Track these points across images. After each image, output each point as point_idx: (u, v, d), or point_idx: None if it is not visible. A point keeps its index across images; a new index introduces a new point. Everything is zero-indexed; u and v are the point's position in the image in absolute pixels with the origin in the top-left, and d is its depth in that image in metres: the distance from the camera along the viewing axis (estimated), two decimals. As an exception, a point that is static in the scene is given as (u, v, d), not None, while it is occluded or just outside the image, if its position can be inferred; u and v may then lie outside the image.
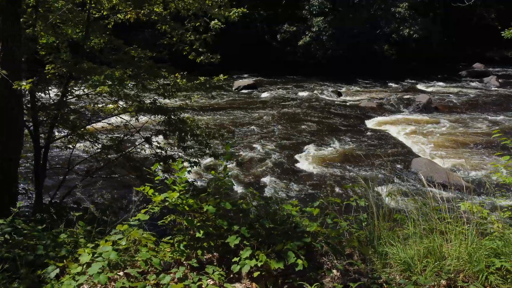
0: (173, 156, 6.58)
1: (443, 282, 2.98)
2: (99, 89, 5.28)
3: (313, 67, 24.49)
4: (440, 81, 22.15)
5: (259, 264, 2.87)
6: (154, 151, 6.57)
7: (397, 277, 3.04)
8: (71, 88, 6.20)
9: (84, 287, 2.88)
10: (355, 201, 3.66)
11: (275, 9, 26.40)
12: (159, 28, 7.19)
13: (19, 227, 3.52)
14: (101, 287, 2.88)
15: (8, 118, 5.06)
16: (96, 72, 6.22)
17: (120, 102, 6.46)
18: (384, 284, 2.91)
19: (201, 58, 6.99)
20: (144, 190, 3.03)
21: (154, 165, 3.23)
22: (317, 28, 23.76)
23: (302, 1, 24.97)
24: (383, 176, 9.44)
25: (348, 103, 17.38)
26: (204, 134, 6.92)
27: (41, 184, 5.85)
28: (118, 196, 6.92)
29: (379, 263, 3.11)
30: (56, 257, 3.05)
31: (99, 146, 6.50)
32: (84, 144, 6.79)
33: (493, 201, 4.01)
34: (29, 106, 5.83)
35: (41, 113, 6.20)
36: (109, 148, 6.41)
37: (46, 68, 6.59)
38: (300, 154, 11.19)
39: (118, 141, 6.23)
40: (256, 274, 2.91)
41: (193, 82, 6.85)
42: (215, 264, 3.18)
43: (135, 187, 3.16)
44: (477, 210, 3.54)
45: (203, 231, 3.02)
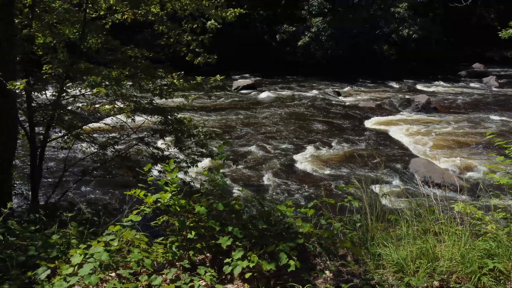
0: (170, 157, 6.57)
1: (436, 283, 2.97)
2: (96, 90, 5.27)
3: (313, 67, 24.49)
4: (440, 81, 22.13)
5: (251, 265, 2.86)
6: (151, 152, 6.56)
7: (390, 278, 3.03)
8: (67, 88, 6.18)
9: (76, 288, 2.87)
10: (349, 202, 3.64)
11: (275, 9, 26.40)
12: (157, 29, 7.19)
13: (12, 228, 3.51)
14: (92, 288, 2.87)
15: (7, 118, 5.07)
16: (93, 73, 6.22)
17: (118, 103, 6.46)
18: (377, 286, 2.89)
19: (199, 59, 6.99)
20: (135, 193, 3.02)
21: (147, 166, 3.22)
22: (316, 28, 23.76)
23: (302, 1, 24.97)
24: (381, 177, 9.43)
25: (347, 103, 17.37)
26: (201, 135, 6.91)
27: (37, 185, 5.84)
28: (114, 197, 6.92)
29: (372, 264, 3.10)
30: (48, 258, 3.03)
31: (96, 147, 6.50)
32: (81, 145, 6.79)
33: (489, 202, 4.00)
34: (25, 106, 5.82)
35: (38, 114, 6.20)
36: (106, 149, 6.41)
37: (44, 68, 6.58)
38: (298, 154, 11.18)
39: (114, 142, 6.22)
40: (248, 275, 2.90)
41: (190, 83, 6.84)
42: (208, 265, 3.17)
43: (125, 191, 3.14)
44: (471, 211, 3.53)
45: (195, 232, 3.01)
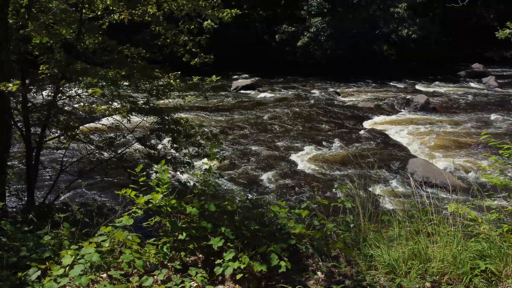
0: (166, 157, 6.56)
1: (428, 285, 2.96)
2: (91, 91, 5.27)
3: (313, 67, 24.47)
4: (439, 82, 22.11)
5: (242, 266, 2.85)
6: (147, 152, 6.56)
7: (382, 279, 3.02)
8: (63, 89, 6.18)
9: (66, 289, 2.87)
10: (342, 203, 3.64)
11: (274, 9, 26.39)
12: (154, 29, 7.18)
13: (5, 229, 3.51)
14: (83, 289, 2.86)
15: (4, 119, 5.07)
16: (90, 73, 6.22)
17: (115, 103, 6.45)
18: (368, 287, 2.89)
19: (196, 60, 6.98)
20: (126, 193, 3.02)
21: (139, 167, 3.21)
22: (315, 29, 23.75)
23: (301, 1, 24.96)
24: (376, 177, 9.42)
25: (347, 103, 17.36)
26: (198, 135, 6.91)
27: (33, 185, 5.84)
28: (110, 197, 6.91)
29: (364, 265, 3.09)
30: (39, 259, 3.03)
31: (92, 147, 6.49)
32: (78, 145, 6.79)
33: (483, 203, 3.99)
34: (21, 107, 5.82)
35: (34, 114, 6.20)
36: (102, 149, 6.40)
37: (40, 69, 6.58)
38: (296, 154, 11.18)
39: (110, 142, 6.22)
40: (239, 276, 2.89)
41: (186, 83, 6.84)
42: (200, 266, 3.17)
43: (116, 191, 3.14)
44: (465, 212, 3.52)
45: (186, 233, 3.00)
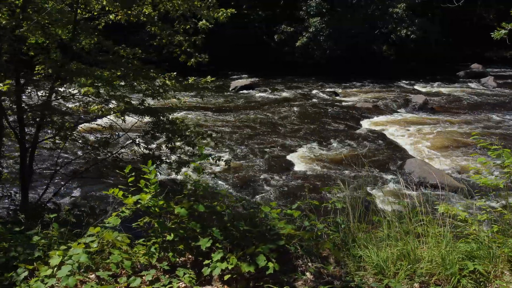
0: (161, 157, 6.57)
1: (416, 285, 2.96)
2: (84, 90, 5.27)
3: (312, 68, 24.46)
4: (438, 82, 22.09)
5: (230, 267, 2.85)
6: (142, 152, 6.56)
7: (371, 280, 3.02)
8: (58, 89, 6.18)
9: (53, 290, 2.86)
10: (333, 204, 3.64)
11: (274, 10, 26.39)
12: (149, 30, 7.19)
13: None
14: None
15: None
16: (85, 73, 6.22)
17: (111, 104, 6.45)
18: (355, 287, 2.89)
19: (192, 61, 6.99)
20: (114, 193, 3.02)
21: (127, 167, 3.21)
22: (314, 29, 23.74)
23: (300, 2, 24.95)
24: (375, 177, 9.42)
25: (345, 104, 17.35)
26: (193, 135, 6.90)
27: (27, 185, 5.84)
28: (105, 197, 6.91)
29: (353, 266, 3.09)
30: (28, 260, 3.03)
31: (88, 147, 6.49)
32: (73, 145, 6.80)
33: (476, 203, 3.98)
34: (15, 107, 5.82)
35: (29, 114, 6.20)
36: (97, 149, 6.40)
37: (36, 69, 6.59)
38: (293, 154, 11.17)
39: (104, 142, 6.22)
40: (227, 277, 2.89)
41: (182, 83, 6.83)
42: (189, 267, 3.17)
43: (104, 191, 3.14)
44: (455, 212, 3.52)
45: (174, 234, 3.00)
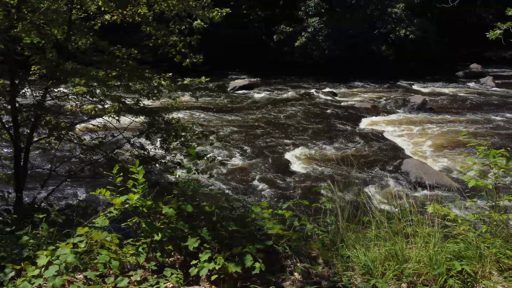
0: (156, 158, 6.57)
1: (404, 286, 2.96)
2: (75, 90, 5.28)
3: (311, 68, 24.45)
4: (437, 82, 22.10)
5: (217, 267, 2.85)
6: (137, 153, 6.56)
7: (359, 280, 3.02)
8: (53, 89, 6.19)
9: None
10: (323, 204, 3.64)
11: (273, 10, 26.38)
12: (145, 30, 7.20)
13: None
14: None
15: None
16: (80, 73, 6.22)
17: (106, 105, 6.45)
18: (343, 288, 2.89)
19: (187, 61, 7.00)
20: (101, 193, 3.02)
21: (115, 168, 3.21)
22: (313, 29, 23.74)
23: (299, 2, 24.95)
24: (371, 177, 9.42)
25: (343, 104, 17.35)
26: (189, 135, 6.90)
27: (22, 186, 5.84)
28: (98, 197, 6.91)
29: (341, 266, 3.09)
30: (16, 260, 3.03)
31: (84, 147, 6.50)
32: (70, 146, 6.80)
33: (466, 203, 3.98)
34: (10, 107, 5.82)
35: (24, 114, 6.20)
36: (92, 149, 6.41)
37: (32, 69, 6.59)
38: (291, 155, 11.17)
39: (99, 142, 6.22)
40: (214, 277, 2.89)
41: (177, 84, 6.84)
42: (177, 267, 3.17)
43: (91, 191, 3.14)
44: (445, 212, 3.51)
45: (162, 234, 3.00)
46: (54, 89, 6.29)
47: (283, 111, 15.90)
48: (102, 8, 7.11)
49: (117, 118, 6.14)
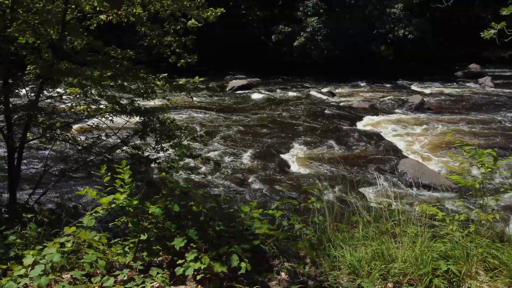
0: (150, 158, 6.57)
1: (390, 285, 2.96)
2: (69, 91, 5.28)
3: (310, 67, 24.45)
4: (436, 82, 22.10)
5: (203, 267, 2.86)
6: (131, 153, 6.56)
7: (344, 280, 3.02)
8: (47, 89, 6.19)
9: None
10: (312, 204, 3.64)
11: (272, 10, 26.39)
12: (139, 30, 7.20)
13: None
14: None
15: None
16: (75, 73, 6.23)
17: (101, 105, 6.46)
18: (328, 287, 2.89)
19: (182, 62, 7.01)
20: (87, 193, 3.03)
21: (102, 168, 3.22)
22: (311, 28, 23.74)
23: (298, 2, 24.96)
24: (367, 177, 9.42)
25: (341, 104, 17.35)
26: (183, 136, 6.90)
27: (15, 185, 5.84)
28: (91, 197, 6.91)
29: (328, 266, 3.09)
30: (2, 259, 3.04)
31: (78, 147, 6.50)
32: (65, 145, 6.80)
33: (459, 202, 3.98)
34: (3, 107, 5.83)
35: (20, 114, 6.21)
36: (86, 149, 6.41)
37: (28, 69, 6.60)
38: (287, 155, 11.17)
39: (93, 142, 6.23)
40: (199, 277, 2.90)
41: (171, 84, 6.84)
42: (165, 267, 3.17)
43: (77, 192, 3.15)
44: (433, 212, 3.52)
45: (148, 234, 3.01)
46: (48, 89, 6.30)
47: (281, 111, 15.90)
48: (98, 8, 7.13)
49: (111, 119, 6.14)
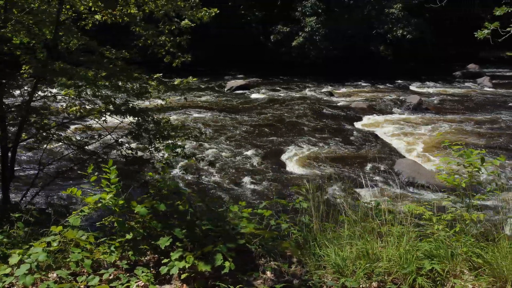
0: (144, 158, 6.59)
1: (374, 284, 2.97)
2: (64, 92, 5.30)
3: (309, 68, 24.46)
4: (435, 82, 22.11)
5: (187, 266, 2.87)
6: (125, 153, 6.57)
7: (329, 278, 3.04)
8: (41, 89, 6.21)
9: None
10: (300, 203, 3.66)
11: (271, 10, 26.41)
12: (134, 30, 7.22)
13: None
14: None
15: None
16: (70, 73, 6.25)
17: (95, 105, 6.48)
18: (313, 286, 2.90)
19: (177, 62, 7.04)
20: (72, 192, 3.04)
21: (89, 167, 3.23)
22: (310, 28, 23.74)
23: (296, 2, 24.97)
24: (363, 177, 9.42)
25: (339, 104, 17.36)
26: (178, 136, 6.92)
27: (8, 185, 5.86)
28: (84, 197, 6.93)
29: (313, 265, 3.11)
30: (-11, 258, 3.06)
31: (72, 147, 6.52)
32: (59, 145, 6.82)
33: (446, 202, 3.99)
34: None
35: (15, 114, 6.23)
36: (80, 149, 6.43)
37: (23, 68, 6.63)
38: (284, 154, 11.19)
39: (85, 143, 6.25)
40: (184, 276, 2.91)
41: (166, 84, 6.86)
42: (151, 266, 3.19)
43: (62, 191, 3.16)
44: (420, 211, 3.53)
45: (133, 233, 3.02)
46: (43, 89, 6.32)
47: (279, 111, 15.91)
48: (93, 9, 7.15)
49: (104, 119, 6.16)
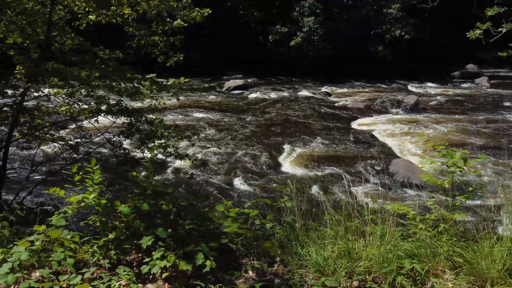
0: (136, 158, 6.61)
1: (355, 284, 2.98)
2: (53, 92, 5.32)
3: (307, 68, 24.45)
4: (433, 82, 22.09)
5: (168, 265, 2.88)
6: (118, 153, 6.59)
7: (311, 277, 3.05)
8: (33, 89, 6.23)
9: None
10: (285, 203, 3.67)
11: (270, 10, 26.42)
12: (127, 30, 7.24)
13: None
14: (9, 288, 2.89)
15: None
16: (63, 73, 6.27)
17: (86, 106, 6.50)
18: (293, 285, 2.91)
19: (171, 62, 7.06)
20: (55, 192, 3.06)
21: (74, 167, 3.25)
22: (308, 28, 23.75)
23: (295, 2, 24.98)
24: (357, 177, 9.43)
25: (336, 104, 17.36)
26: (170, 136, 6.93)
27: (1, 185, 5.88)
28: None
29: (295, 264, 3.12)
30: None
31: (65, 147, 6.54)
32: (51, 145, 6.83)
33: (430, 202, 4.00)
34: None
35: (4, 113, 6.25)
36: (73, 149, 6.45)
37: (17, 68, 6.65)
38: (279, 154, 11.20)
39: (76, 143, 6.26)
40: (165, 275, 2.92)
41: (158, 84, 6.88)
42: (135, 265, 3.20)
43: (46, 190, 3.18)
44: (404, 211, 3.54)
45: (116, 232, 3.04)
46: (36, 89, 6.34)
47: (277, 111, 15.92)
48: (86, 9, 7.17)
49: (96, 119, 6.18)
